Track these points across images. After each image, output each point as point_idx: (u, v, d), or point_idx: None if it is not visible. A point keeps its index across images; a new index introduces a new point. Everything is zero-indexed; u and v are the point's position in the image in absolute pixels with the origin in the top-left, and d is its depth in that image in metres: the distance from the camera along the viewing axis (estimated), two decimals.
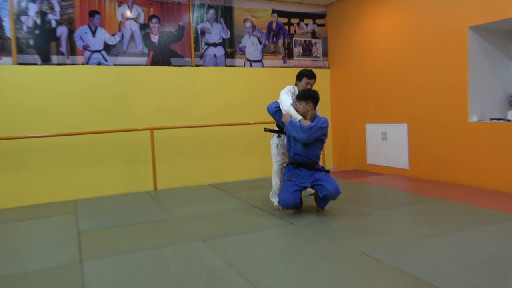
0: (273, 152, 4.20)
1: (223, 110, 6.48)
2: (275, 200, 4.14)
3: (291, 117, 3.82)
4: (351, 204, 4.23)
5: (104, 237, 3.46)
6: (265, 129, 4.25)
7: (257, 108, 6.50)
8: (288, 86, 4.09)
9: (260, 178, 6.36)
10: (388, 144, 6.15)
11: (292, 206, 3.73)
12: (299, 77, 4.07)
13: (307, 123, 3.74)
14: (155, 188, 5.73)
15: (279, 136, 4.17)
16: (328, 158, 7.20)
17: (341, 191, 3.77)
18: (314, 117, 3.86)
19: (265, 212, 4.04)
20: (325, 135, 3.80)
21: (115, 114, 5.81)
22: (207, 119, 6.33)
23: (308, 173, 3.81)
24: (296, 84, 4.10)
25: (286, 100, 3.91)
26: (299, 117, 3.79)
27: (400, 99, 5.90)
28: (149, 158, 5.83)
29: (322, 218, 3.73)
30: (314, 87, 4.13)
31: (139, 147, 5.92)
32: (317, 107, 4.07)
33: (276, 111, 4.00)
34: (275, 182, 4.15)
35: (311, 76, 4.03)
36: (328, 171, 3.87)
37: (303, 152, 3.82)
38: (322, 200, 3.84)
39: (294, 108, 3.84)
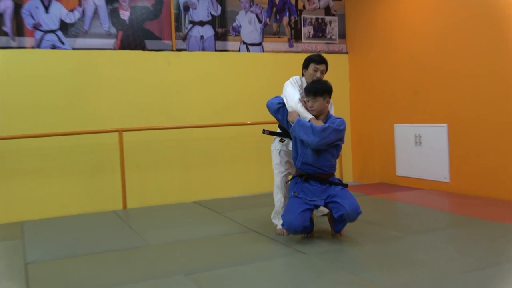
0: (274, 161, 4.20)
1: (212, 107, 6.50)
2: (278, 222, 4.14)
3: (299, 115, 3.83)
4: (376, 227, 4.22)
5: (58, 270, 3.43)
6: (264, 131, 4.25)
7: (255, 104, 6.51)
8: (294, 77, 4.10)
9: (259, 194, 6.36)
10: (423, 151, 6.17)
11: (301, 230, 3.73)
12: (305, 64, 4.09)
13: (319, 123, 3.74)
14: (125, 206, 5.73)
15: (282, 141, 4.18)
16: (346, 169, 7.22)
17: (362, 211, 3.77)
18: (327, 117, 3.87)
19: (266, 238, 4.02)
20: (341, 139, 3.81)
21: (73, 112, 5.81)
22: (192, 118, 6.34)
23: (321, 187, 3.81)
24: (303, 74, 4.12)
25: (293, 94, 3.92)
26: (310, 116, 3.80)
27: (438, 93, 5.93)
28: (117, 169, 5.83)
29: (338, 245, 3.72)
30: (326, 78, 4.14)
31: (104, 154, 5.92)
32: (332, 102, 4.08)
33: (278, 109, 3.99)
34: (278, 199, 4.15)
35: (321, 60, 4.04)
36: (346, 185, 3.88)
37: (314, 161, 3.82)
38: (337, 222, 3.84)
39: (303, 105, 3.85)
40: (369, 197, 5.64)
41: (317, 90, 3.76)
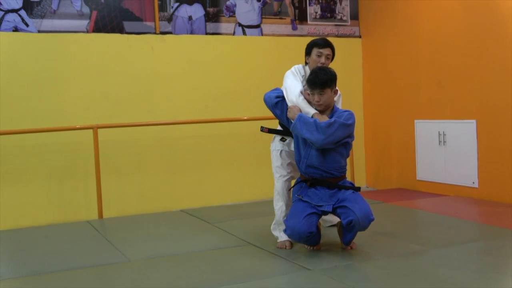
0: (274, 163, 4.23)
1: (203, 100, 6.52)
2: (279, 234, 4.17)
3: (300, 110, 3.86)
4: (393, 239, 4.25)
5: None
6: (262, 129, 4.27)
7: (252, 97, 6.54)
8: (296, 66, 4.13)
9: (257, 201, 6.39)
10: (448, 151, 6.21)
11: (306, 236, 3.75)
12: (308, 50, 4.11)
13: (324, 119, 3.77)
14: (101, 216, 5.75)
15: (283, 140, 4.21)
16: (358, 172, 7.25)
17: (375, 218, 3.80)
18: (333, 110, 3.90)
19: (265, 252, 4.04)
20: (350, 136, 3.83)
21: (39, 106, 5.83)
22: (179, 113, 6.37)
23: (329, 192, 3.85)
24: (306, 63, 4.16)
25: (294, 86, 3.95)
26: (313, 111, 3.83)
27: (466, 85, 5.96)
28: (91, 172, 5.85)
29: (349, 260, 3.74)
30: (335, 65, 4.17)
31: (76, 155, 5.94)
32: (340, 93, 4.12)
33: (277, 103, 4.03)
34: (279, 207, 4.18)
35: (325, 43, 4.05)
36: (358, 189, 3.92)
37: (320, 164, 3.85)
38: (346, 231, 3.85)
39: (307, 99, 3.89)
40: (385, 205, 5.67)
41: (325, 81, 3.77)
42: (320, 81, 3.76)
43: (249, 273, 3.58)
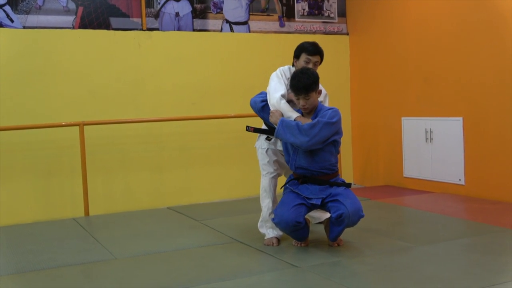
0: (261, 161, 4.23)
1: (189, 97, 6.52)
2: (266, 231, 4.18)
3: (282, 115, 3.86)
4: (380, 236, 4.27)
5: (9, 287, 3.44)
6: (247, 128, 4.23)
7: (239, 94, 6.54)
8: (281, 68, 4.11)
9: (244, 198, 6.40)
10: (435, 148, 6.25)
11: (292, 225, 3.77)
12: (296, 53, 4.10)
13: (307, 121, 3.77)
14: (87, 213, 5.73)
15: (268, 139, 4.21)
16: (346, 169, 7.28)
17: (364, 215, 3.83)
18: (317, 109, 3.88)
19: (252, 249, 4.05)
20: (338, 132, 3.84)
21: (25, 102, 5.79)
22: (166, 110, 6.36)
23: (319, 187, 3.87)
24: (293, 64, 4.15)
25: (276, 89, 3.93)
26: (295, 114, 3.84)
27: (453, 82, 6.00)
28: (77, 169, 5.83)
29: (336, 257, 3.76)
30: (323, 63, 4.18)
31: (62, 152, 5.91)
32: (326, 93, 4.13)
33: (263, 107, 4.06)
34: (266, 204, 4.18)
35: (315, 50, 4.03)
36: (349, 185, 3.94)
37: (309, 164, 3.87)
38: (335, 226, 3.84)
39: (291, 99, 3.90)
40: (372, 202, 5.70)
41: (309, 85, 3.74)
42: (304, 85, 3.74)
43: (236, 270, 3.58)
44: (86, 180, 5.71)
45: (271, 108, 3.93)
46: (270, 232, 4.13)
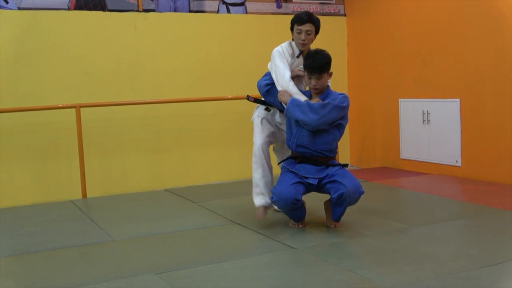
0: (255, 129, 4.22)
1: (186, 79, 6.49)
2: (257, 200, 4.15)
3: (291, 95, 3.90)
4: (377, 217, 4.29)
5: (8, 269, 3.44)
6: (248, 98, 4.28)
7: (237, 75, 6.52)
8: (283, 44, 4.12)
9: (242, 180, 6.40)
10: (432, 130, 6.25)
11: (291, 203, 3.79)
12: (291, 26, 4.11)
13: (316, 101, 3.85)
14: (84, 195, 5.74)
15: (267, 110, 4.22)
16: (343, 151, 7.29)
17: (364, 191, 3.85)
18: (327, 92, 3.94)
19: (250, 231, 4.07)
20: (344, 118, 3.91)
21: (20, 85, 5.76)
22: (162, 92, 6.34)
23: (315, 167, 3.89)
24: (293, 39, 4.15)
25: (282, 71, 3.96)
26: (304, 97, 3.90)
27: (450, 64, 5.99)
28: (74, 152, 5.83)
29: (333, 238, 3.78)
30: (320, 43, 4.16)
31: (58, 134, 5.90)
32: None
33: (268, 90, 4.08)
34: (255, 169, 4.14)
35: (303, 19, 3.99)
36: (346, 165, 3.97)
37: (310, 143, 3.90)
38: (336, 206, 3.87)
39: (298, 74, 3.93)
40: (369, 184, 5.71)
41: (323, 65, 3.82)
42: (319, 65, 3.81)
43: (234, 251, 3.60)
44: (83, 163, 5.72)
45: (279, 89, 3.95)
46: (257, 201, 4.12)
